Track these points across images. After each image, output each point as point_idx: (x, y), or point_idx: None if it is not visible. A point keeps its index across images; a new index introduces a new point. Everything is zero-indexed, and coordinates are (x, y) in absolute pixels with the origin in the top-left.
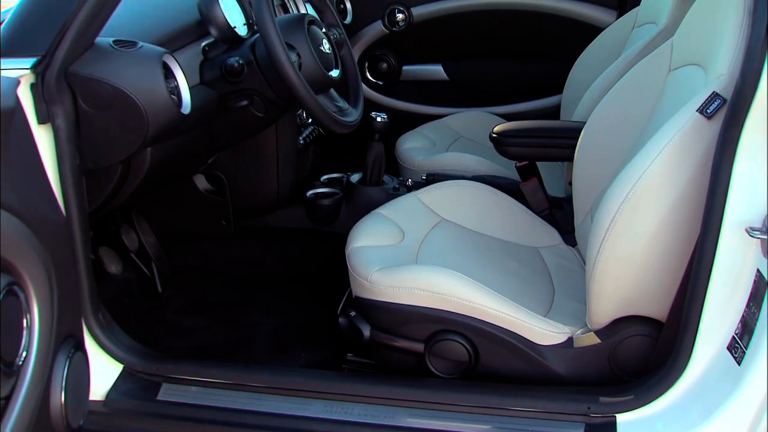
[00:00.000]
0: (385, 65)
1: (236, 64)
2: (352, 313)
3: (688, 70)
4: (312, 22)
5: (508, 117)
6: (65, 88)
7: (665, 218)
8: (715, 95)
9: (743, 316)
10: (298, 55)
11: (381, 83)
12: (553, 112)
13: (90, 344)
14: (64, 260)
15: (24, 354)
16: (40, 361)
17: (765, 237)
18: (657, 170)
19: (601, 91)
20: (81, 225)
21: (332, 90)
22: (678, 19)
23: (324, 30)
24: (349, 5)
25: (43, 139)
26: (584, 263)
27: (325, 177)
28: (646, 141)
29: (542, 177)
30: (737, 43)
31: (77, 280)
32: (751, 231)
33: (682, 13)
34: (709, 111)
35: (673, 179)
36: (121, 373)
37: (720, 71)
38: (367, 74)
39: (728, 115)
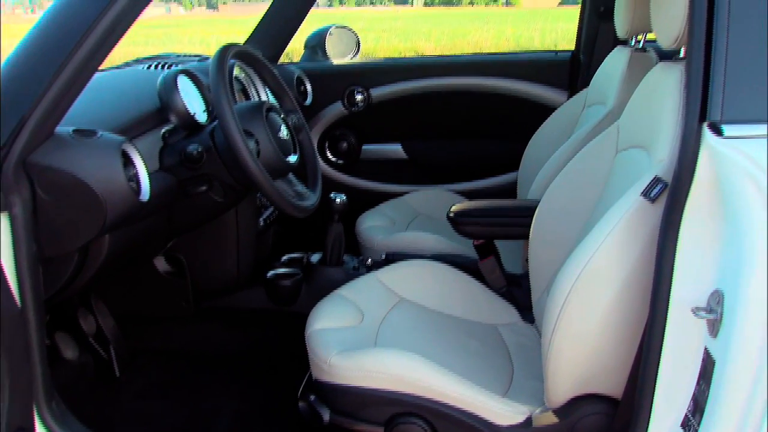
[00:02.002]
0: (345, 144)
1: (195, 152)
2: (312, 397)
3: (634, 153)
4: (270, 109)
5: (466, 194)
6: (23, 177)
7: (615, 299)
8: (657, 180)
9: (694, 393)
10: (257, 141)
11: (341, 162)
12: (511, 189)
13: None
14: (17, 350)
15: None
16: None
17: (709, 317)
18: (605, 252)
19: (554, 170)
20: (36, 313)
21: (291, 174)
22: (624, 101)
23: (282, 116)
24: (309, 87)
25: None
26: None
27: (285, 257)
28: (595, 222)
29: (500, 253)
30: (674, 130)
31: (30, 369)
32: (696, 311)
33: (628, 95)
34: (652, 195)
35: (621, 261)
36: None
37: (661, 156)
38: (328, 153)
39: (669, 199)
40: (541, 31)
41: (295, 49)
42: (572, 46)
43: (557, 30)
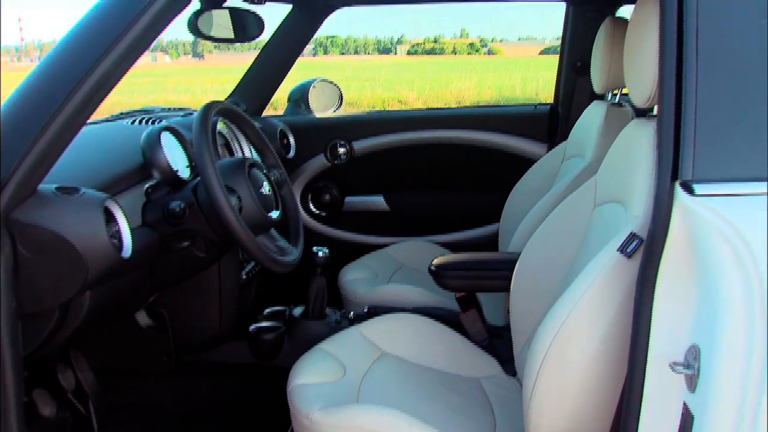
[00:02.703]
0: (327, 197)
1: (178, 209)
2: None
3: (611, 207)
4: (252, 165)
5: (449, 245)
6: (5, 234)
7: (595, 354)
8: (633, 235)
9: None
10: (239, 198)
11: (324, 214)
12: (493, 240)
13: None
14: None
15: None
16: None
17: (687, 372)
18: (583, 308)
19: (534, 223)
20: (14, 371)
21: (273, 229)
22: (601, 154)
23: (265, 171)
24: (292, 140)
25: None
26: None
27: (268, 310)
28: (575, 276)
29: (483, 304)
30: (648, 187)
31: (6, 430)
32: (674, 366)
33: (605, 149)
34: (628, 250)
35: (600, 316)
36: None
37: (636, 212)
38: (311, 206)
39: (645, 255)
40: (523, 79)
41: (280, 98)
42: (553, 95)
43: (538, 79)
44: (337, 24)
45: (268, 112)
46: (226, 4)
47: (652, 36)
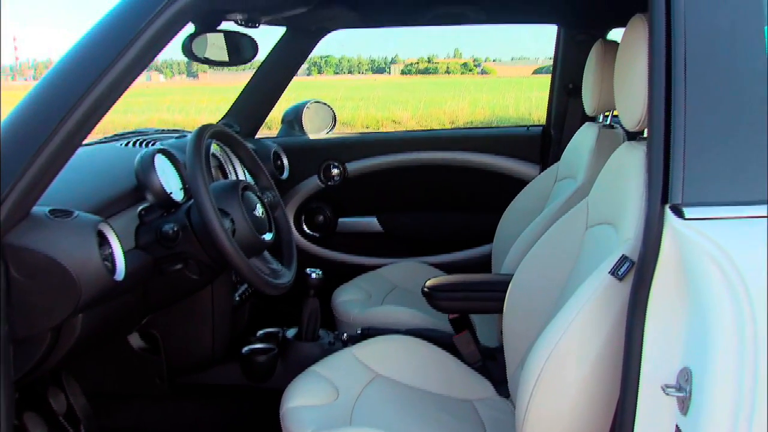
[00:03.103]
0: (321, 218)
1: (171, 232)
2: None
3: (602, 229)
4: (246, 187)
5: (442, 267)
6: None
7: (587, 376)
8: (624, 258)
9: None
10: (232, 221)
11: (317, 235)
12: (486, 261)
13: None
14: None
15: None
16: None
17: (679, 395)
18: (576, 330)
19: (527, 244)
20: (6, 395)
21: (266, 252)
22: (593, 176)
23: (258, 194)
24: (286, 161)
25: None
26: None
27: (261, 332)
28: (567, 298)
29: (476, 325)
30: (639, 210)
31: None
32: (666, 389)
33: (597, 170)
34: (620, 273)
35: (592, 338)
36: None
37: (627, 235)
38: (304, 227)
39: (636, 278)
40: (516, 99)
41: (274, 118)
42: (545, 114)
43: (531, 99)
44: (330, 44)
45: (262, 131)
46: (220, 27)
47: (641, 59)
